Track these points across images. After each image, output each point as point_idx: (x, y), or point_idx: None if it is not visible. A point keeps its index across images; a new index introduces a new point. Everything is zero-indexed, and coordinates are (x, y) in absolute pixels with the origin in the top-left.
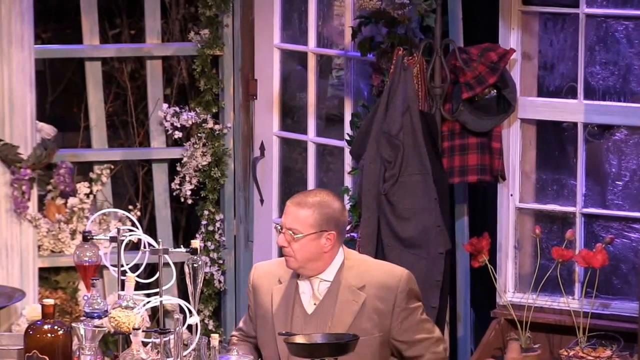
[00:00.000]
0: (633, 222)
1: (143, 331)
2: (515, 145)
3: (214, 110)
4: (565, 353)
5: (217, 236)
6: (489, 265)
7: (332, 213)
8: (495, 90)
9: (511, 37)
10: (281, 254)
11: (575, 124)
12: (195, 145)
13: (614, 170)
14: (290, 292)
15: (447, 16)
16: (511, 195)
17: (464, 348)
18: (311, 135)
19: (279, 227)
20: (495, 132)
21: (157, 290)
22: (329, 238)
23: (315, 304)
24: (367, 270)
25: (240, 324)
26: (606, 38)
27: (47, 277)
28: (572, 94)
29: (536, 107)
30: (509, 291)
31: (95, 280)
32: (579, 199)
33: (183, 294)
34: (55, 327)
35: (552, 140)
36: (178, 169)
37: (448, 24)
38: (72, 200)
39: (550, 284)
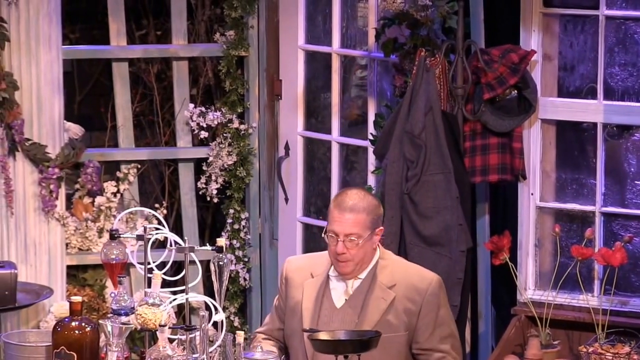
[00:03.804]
0: None
1: (169, 328)
2: (535, 145)
3: (239, 110)
4: (585, 349)
5: (242, 234)
6: (509, 263)
7: (378, 210)
8: (516, 91)
9: (532, 39)
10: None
11: (594, 124)
12: (220, 145)
13: (632, 169)
14: (322, 286)
15: (469, 18)
16: (532, 194)
17: (485, 344)
18: (335, 135)
19: (331, 235)
20: (516, 132)
21: (183, 287)
22: (378, 234)
23: (346, 300)
24: (399, 271)
25: (266, 320)
26: (625, 39)
27: (75, 274)
28: (591, 94)
29: (556, 107)
30: (529, 288)
31: (122, 277)
32: (598, 198)
33: (209, 291)
34: (83, 324)
35: (572, 140)
36: (204, 168)
37: (470, 25)
38: (99, 199)
39: (569, 281)
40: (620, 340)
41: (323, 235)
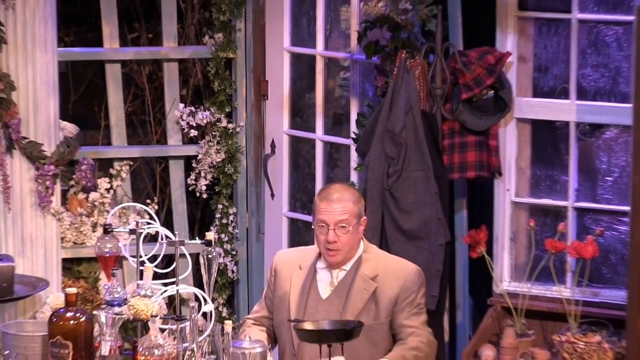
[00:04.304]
0: (621, 215)
1: (160, 318)
2: (511, 143)
3: (227, 110)
4: (558, 338)
5: (230, 229)
6: (486, 256)
7: (361, 200)
8: (492, 91)
9: (508, 41)
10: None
11: (567, 123)
12: (209, 143)
13: (604, 166)
14: (308, 278)
15: (447, 21)
16: (507, 190)
17: (462, 334)
18: (319, 133)
19: (321, 225)
20: (492, 130)
21: (173, 279)
22: (362, 224)
23: (331, 291)
24: (381, 263)
25: (255, 308)
26: (597, 42)
27: (70, 267)
28: (564, 94)
29: (531, 107)
30: (505, 280)
31: (115, 270)
32: (571, 194)
33: (198, 283)
34: (78, 315)
35: (546, 138)
36: (193, 165)
37: (448, 28)
38: (93, 195)
39: (543, 273)
40: (591, 329)
41: (313, 227)
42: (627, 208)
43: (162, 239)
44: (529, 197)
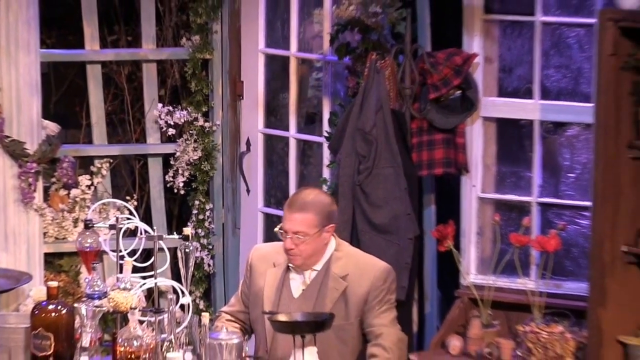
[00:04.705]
0: (583, 210)
1: (139, 310)
2: (477, 141)
3: (204, 110)
4: (522, 329)
5: (207, 224)
6: (453, 249)
7: (328, 208)
8: (459, 91)
9: (474, 43)
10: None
11: (531, 122)
12: (187, 141)
13: (566, 163)
14: (282, 276)
15: (416, 24)
16: (473, 186)
17: (430, 324)
18: (293, 131)
19: (281, 232)
20: (459, 129)
21: (152, 273)
22: (328, 231)
23: (303, 290)
24: (352, 262)
25: (231, 302)
26: (560, 43)
27: (52, 261)
28: (529, 94)
29: (496, 106)
30: (472, 273)
31: (96, 264)
32: (535, 190)
33: (176, 276)
34: (59, 307)
35: (511, 136)
36: (171, 162)
37: (417, 31)
38: (74, 192)
39: (508, 266)
40: (554, 320)
41: (275, 230)
42: (588, 203)
43: (141, 234)
44: (494, 193)
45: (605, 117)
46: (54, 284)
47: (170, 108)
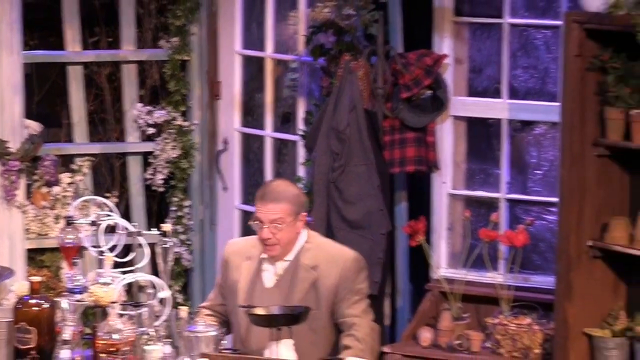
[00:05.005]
0: (550, 206)
1: (119, 305)
2: (447, 139)
3: (182, 109)
4: (491, 321)
5: (185, 220)
6: (424, 244)
7: (299, 197)
8: (430, 91)
9: (444, 44)
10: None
11: (500, 120)
12: (166, 140)
13: (533, 160)
14: (255, 268)
15: (388, 26)
16: (444, 183)
17: (402, 317)
18: (268, 130)
19: (257, 223)
20: (430, 127)
21: (132, 268)
22: (301, 220)
23: (276, 280)
24: (322, 252)
25: (210, 296)
26: (527, 45)
27: (34, 257)
28: (497, 94)
29: (466, 105)
30: (442, 267)
31: (77, 259)
32: (503, 186)
33: (155, 271)
34: (41, 302)
35: (480, 134)
36: (151, 160)
37: (389, 32)
38: (56, 189)
39: (478, 260)
40: (522, 312)
41: (249, 223)
42: (555, 199)
43: (121, 230)
44: (464, 190)
45: (571, 116)
46: (36, 278)
47: (150, 108)
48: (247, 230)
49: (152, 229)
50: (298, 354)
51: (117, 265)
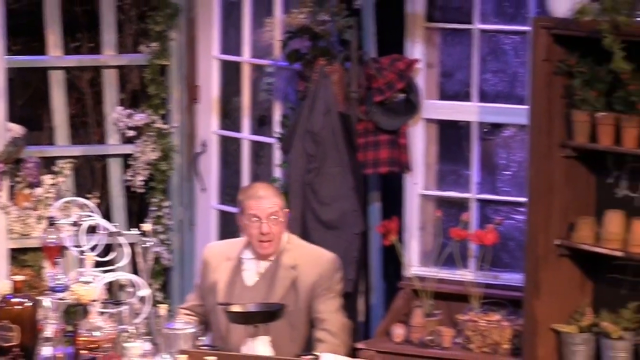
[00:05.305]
0: (518, 206)
1: (100, 303)
2: (419, 141)
3: (162, 112)
4: (462, 317)
5: (164, 220)
6: (397, 243)
7: (281, 194)
8: (402, 94)
9: (416, 49)
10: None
11: (470, 123)
12: (145, 142)
13: (503, 162)
14: (235, 268)
15: (362, 31)
16: (416, 184)
17: (376, 314)
18: (246, 133)
19: (255, 220)
20: (402, 130)
21: (112, 267)
22: (286, 215)
23: (257, 279)
24: (301, 253)
25: (188, 298)
26: (496, 50)
27: (17, 256)
28: (467, 97)
29: (437, 108)
30: (414, 265)
31: (59, 259)
32: (473, 187)
33: (135, 270)
34: (24, 300)
35: (451, 136)
36: (131, 162)
37: (363, 38)
38: (38, 190)
39: (449, 259)
40: (492, 309)
41: (246, 222)
42: (523, 199)
43: (102, 230)
44: (435, 190)
45: (539, 119)
46: (19, 277)
47: (130, 111)
48: (224, 230)
49: (132, 229)
50: (278, 350)
51: (98, 264)
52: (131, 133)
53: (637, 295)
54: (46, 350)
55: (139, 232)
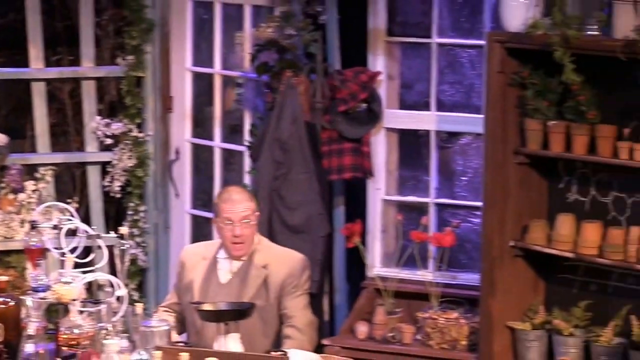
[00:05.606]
0: (475, 209)
1: (80, 302)
2: (381, 149)
3: (137, 122)
4: (422, 315)
5: (140, 224)
6: (360, 245)
7: (254, 198)
8: (365, 105)
9: (378, 62)
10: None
11: (429, 132)
12: (122, 150)
13: (459, 168)
14: (211, 267)
15: (326, 45)
16: (378, 189)
17: (340, 313)
18: (217, 141)
19: (228, 223)
20: (365, 138)
21: (91, 268)
22: (257, 218)
23: (230, 277)
24: (271, 254)
25: (167, 297)
26: (453, 63)
27: (1, 258)
28: (426, 107)
29: (398, 118)
30: (377, 266)
31: (40, 260)
32: (432, 192)
33: (112, 271)
34: (8, 300)
35: (411, 144)
36: (109, 169)
37: (327, 51)
38: (21, 196)
39: (410, 260)
40: (450, 307)
41: (221, 224)
42: (479, 203)
43: (81, 233)
44: (396, 195)
45: (494, 127)
46: (3, 278)
47: (108, 120)
48: (197, 233)
49: (110, 232)
50: (251, 345)
51: (77, 265)
52: (109, 141)
53: (587, 294)
54: (29, 347)
55: (116, 235)
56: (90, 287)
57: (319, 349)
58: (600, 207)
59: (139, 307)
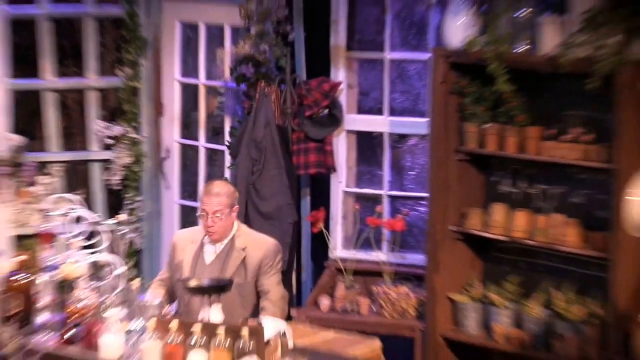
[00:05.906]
0: (421, 200)
1: (85, 279)
2: (342, 148)
3: (134, 125)
4: (376, 289)
5: (136, 212)
6: (324, 230)
7: (233, 194)
8: (327, 110)
9: (339, 73)
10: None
11: (382, 133)
12: (121, 149)
13: (408, 164)
14: (198, 249)
15: (294, 59)
16: (339, 182)
17: (306, 288)
18: (202, 142)
19: (203, 214)
20: (328, 139)
21: (94, 250)
22: (235, 211)
23: (213, 258)
24: (249, 238)
25: (161, 272)
26: (403, 74)
27: (17, 242)
28: (380, 112)
29: (356, 121)
30: (338, 248)
31: (51, 243)
32: (385, 185)
33: (113, 252)
34: (25, 276)
35: (367, 144)
36: (109, 166)
37: (295, 64)
38: (35, 188)
39: (366, 243)
40: (401, 283)
41: (200, 213)
42: (425, 194)
43: (85, 220)
44: (355, 187)
45: (437, 130)
46: (21, 258)
47: (109, 124)
48: (184, 220)
49: (110, 219)
50: (231, 315)
51: (82, 247)
52: (109, 142)
53: (518, 271)
54: (42, 317)
55: (116, 222)
56: (93, 266)
57: (288, 318)
58: (528, 197)
59: (136, 283)
